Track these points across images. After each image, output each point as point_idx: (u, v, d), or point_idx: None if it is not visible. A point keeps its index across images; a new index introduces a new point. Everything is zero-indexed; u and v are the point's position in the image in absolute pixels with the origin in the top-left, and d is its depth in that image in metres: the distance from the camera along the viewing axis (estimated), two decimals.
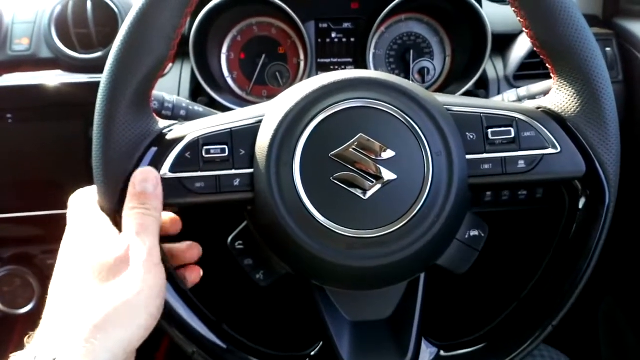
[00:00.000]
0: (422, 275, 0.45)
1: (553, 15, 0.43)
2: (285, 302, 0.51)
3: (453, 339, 0.47)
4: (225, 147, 0.43)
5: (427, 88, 0.78)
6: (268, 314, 0.51)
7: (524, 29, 0.46)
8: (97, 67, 0.70)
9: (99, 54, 0.73)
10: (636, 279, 0.81)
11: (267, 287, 0.46)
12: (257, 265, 0.45)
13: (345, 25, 0.78)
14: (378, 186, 0.41)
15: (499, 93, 0.72)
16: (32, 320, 0.87)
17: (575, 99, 0.44)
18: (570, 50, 0.43)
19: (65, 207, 0.76)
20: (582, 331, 0.89)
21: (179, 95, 0.73)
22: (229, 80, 0.79)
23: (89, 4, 0.72)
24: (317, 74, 0.78)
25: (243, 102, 0.77)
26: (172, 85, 0.73)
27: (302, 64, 0.78)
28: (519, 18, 0.45)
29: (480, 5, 0.72)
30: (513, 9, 0.45)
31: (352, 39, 0.78)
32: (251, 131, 0.43)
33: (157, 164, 0.42)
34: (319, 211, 0.41)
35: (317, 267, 0.42)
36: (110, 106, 0.41)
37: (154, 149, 0.43)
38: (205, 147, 0.43)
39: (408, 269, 0.44)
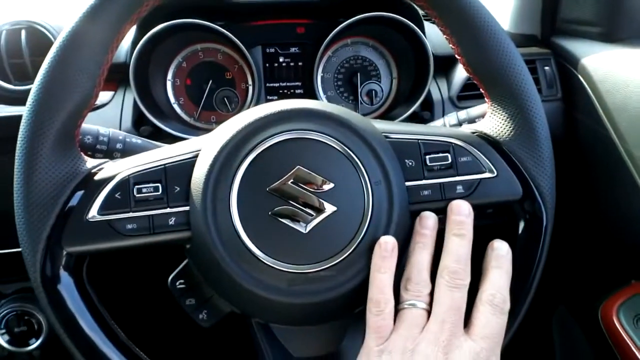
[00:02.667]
0: None
1: (482, 42, 0.44)
2: (229, 342, 0.49)
3: None
4: (159, 184, 0.41)
5: (375, 110, 0.79)
6: (212, 355, 0.49)
7: (456, 55, 0.46)
8: None
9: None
10: (586, 286, 0.84)
11: (210, 327, 0.44)
12: (199, 305, 0.44)
13: (293, 49, 0.78)
14: (318, 219, 0.40)
15: (443, 114, 0.73)
16: None
17: (508, 123, 0.45)
18: (501, 75, 0.44)
19: (2, 247, 0.71)
20: (536, 341, 0.91)
21: (120, 124, 0.70)
22: (176, 107, 0.77)
23: (23, 33, 0.69)
24: (266, 98, 0.78)
25: (191, 129, 0.75)
26: (114, 114, 0.71)
27: (250, 88, 0.77)
28: (451, 45, 0.46)
29: (422, 29, 0.74)
30: (445, 36, 0.46)
31: (300, 63, 0.78)
32: (186, 166, 0.42)
33: (84, 207, 0.40)
34: (257, 247, 0.40)
35: (259, 305, 0.41)
36: (30, 149, 0.39)
37: (80, 192, 0.41)
38: (136, 186, 0.41)
39: (353, 301, 0.43)
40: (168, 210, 0.41)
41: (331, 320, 0.44)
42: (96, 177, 0.42)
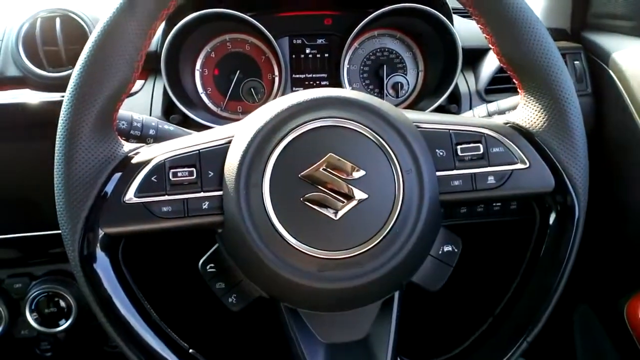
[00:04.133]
0: (397, 294, 0.45)
1: (518, 31, 0.43)
2: (258, 326, 0.50)
3: (429, 357, 0.47)
4: (193, 169, 0.42)
5: (401, 103, 0.78)
6: (240, 339, 0.50)
7: (490, 45, 0.46)
8: (66, 85, 0.68)
9: (68, 72, 0.71)
10: (610, 285, 0.82)
11: (239, 311, 0.45)
12: (229, 289, 0.45)
13: (319, 41, 0.78)
14: (349, 206, 0.41)
15: (470, 107, 0.73)
16: (0, 346, 0.84)
17: (542, 114, 0.45)
18: (536, 65, 0.44)
19: (34, 230, 0.73)
20: (557, 340, 0.90)
21: (151, 112, 0.72)
22: (203, 97, 0.78)
23: (58, 22, 0.70)
24: (292, 90, 0.79)
25: (217, 119, 0.76)
26: (144, 102, 0.72)
27: (276, 79, 0.78)
28: (484, 34, 0.46)
29: (451, 21, 0.73)
30: (479, 25, 0.46)
31: (326, 55, 0.78)
32: (220, 152, 0.43)
33: (121, 189, 0.41)
34: (289, 233, 0.40)
35: (289, 290, 0.42)
36: (71, 130, 0.40)
37: (118, 174, 0.42)
38: (172, 170, 0.42)
39: (382, 288, 0.43)
40: (202, 194, 0.42)
41: (360, 307, 0.44)
42: (133, 161, 0.43)
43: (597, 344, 0.84)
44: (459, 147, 0.44)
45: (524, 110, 0.46)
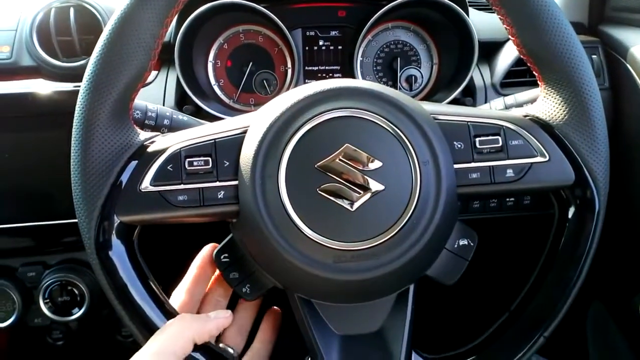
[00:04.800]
0: (412, 287, 0.44)
1: (540, 22, 0.43)
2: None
3: (443, 351, 0.46)
4: (209, 158, 0.42)
5: (414, 96, 0.78)
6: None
7: (510, 36, 0.46)
8: (80, 75, 0.68)
9: (82, 62, 0.71)
10: (625, 282, 0.82)
11: (253, 301, 0.45)
12: (243, 279, 0.45)
13: (333, 33, 0.77)
14: (365, 197, 0.40)
15: (486, 101, 0.72)
16: (13, 334, 0.85)
17: (563, 106, 0.44)
18: (557, 57, 0.43)
19: (48, 219, 0.74)
20: (570, 337, 0.89)
21: (164, 103, 0.72)
22: (216, 88, 0.78)
23: (72, 12, 0.70)
24: (305, 82, 0.78)
25: (230, 110, 0.76)
26: (158, 93, 0.72)
27: (289, 71, 0.78)
28: (505, 25, 0.45)
29: (467, 13, 0.72)
30: (499, 16, 0.45)
31: (340, 47, 0.78)
32: (236, 142, 0.43)
33: (137, 177, 0.41)
34: (305, 223, 0.40)
35: (304, 281, 0.41)
36: (88, 118, 0.40)
37: (134, 162, 0.42)
38: (187, 159, 0.42)
39: (397, 280, 0.43)
40: (217, 183, 0.42)
41: (375, 299, 0.44)
42: (149, 149, 0.43)
43: (611, 342, 0.83)
44: (477, 139, 0.43)
45: (543, 103, 0.45)
